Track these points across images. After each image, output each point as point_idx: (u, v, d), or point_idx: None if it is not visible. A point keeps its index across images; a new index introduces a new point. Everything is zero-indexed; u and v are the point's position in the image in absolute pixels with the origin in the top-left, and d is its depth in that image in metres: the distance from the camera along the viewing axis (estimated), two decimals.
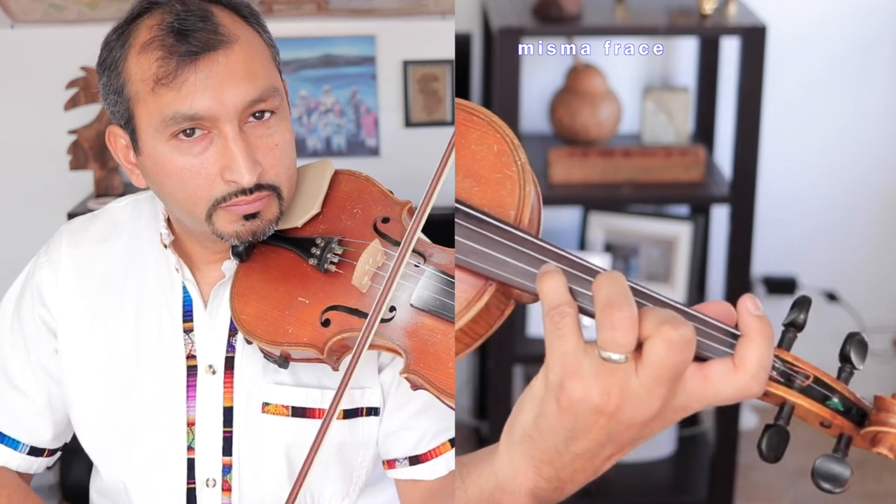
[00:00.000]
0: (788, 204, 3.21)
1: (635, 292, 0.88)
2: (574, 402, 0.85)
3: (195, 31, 1.18)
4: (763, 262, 3.18)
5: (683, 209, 3.10)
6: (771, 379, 0.89)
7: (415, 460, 1.35)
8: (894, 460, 0.91)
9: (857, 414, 0.91)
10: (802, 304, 0.92)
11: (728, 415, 2.81)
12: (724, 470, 2.83)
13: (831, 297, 3.24)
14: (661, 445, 3.03)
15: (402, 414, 1.35)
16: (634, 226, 2.98)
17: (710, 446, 2.99)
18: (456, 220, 0.92)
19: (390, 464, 1.37)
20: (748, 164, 2.66)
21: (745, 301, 0.88)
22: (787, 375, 0.90)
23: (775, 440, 0.88)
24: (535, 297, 0.90)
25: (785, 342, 0.92)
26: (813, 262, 3.24)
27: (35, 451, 1.43)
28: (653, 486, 2.99)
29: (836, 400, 0.90)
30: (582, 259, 0.90)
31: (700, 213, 3.00)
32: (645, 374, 0.84)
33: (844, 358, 0.92)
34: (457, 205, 0.93)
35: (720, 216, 2.95)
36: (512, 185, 0.94)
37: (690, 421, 3.14)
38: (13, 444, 1.41)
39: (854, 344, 0.92)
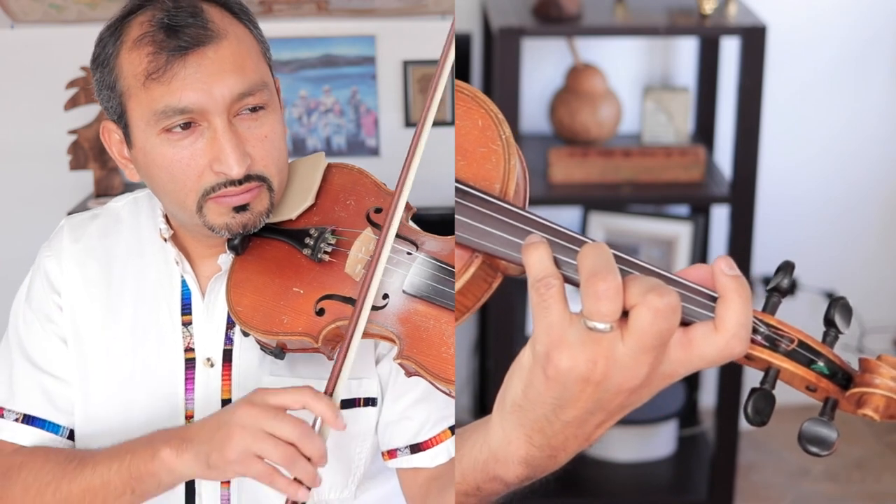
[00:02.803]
0: (788, 204, 3.21)
1: (619, 260, 0.88)
2: (560, 372, 0.86)
3: (185, 27, 1.21)
4: (763, 262, 3.17)
5: (683, 209, 3.10)
6: (756, 343, 0.89)
7: (416, 448, 1.36)
8: (880, 421, 0.91)
9: (843, 377, 0.91)
10: (786, 268, 0.92)
11: (728, 415, 2.81)
12: (724, 470, 2.83)
13: (831, 297, 3.24)
14: (661, 445, 3.03)
15: (401, 403, 1.36)
16: (634, 226, 2.98)
17: (710, 446, 2.99)
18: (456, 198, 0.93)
19: (391, 454, 1.38)
20: (748, 164, 2.66)
21: (720, 262, 0.88)
22: (771, 339, 0.90)
23: (761, 403, 0.88)
24: (522, 270, 0.90)
25: (769, 306, 0.92)
26: (813, 262, 3.24)
27: (73, 435, 1.41)
28: (653, 486, 2.98)
29: (821, 363, 0.90)
30: (567, 229, 0.91)
31: (700, 213, 3.01)
32: (631, 342, 0.84)
33: (829, 322, 0.92)
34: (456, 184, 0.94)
35: (720, 216, 2.95)
36: (497, 159, 0.95)
37: (690, 421, 3.15)
38: (54, 428, 1.39)
39: (839, 308, 0.92)
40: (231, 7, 1.27)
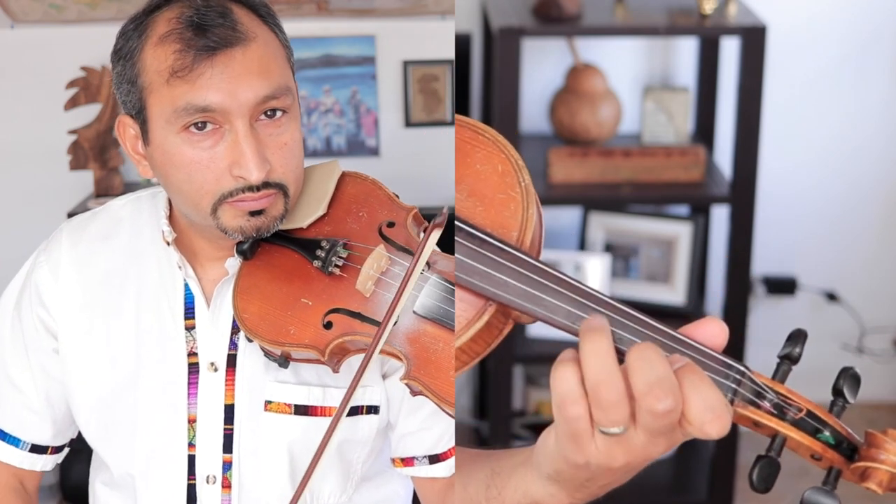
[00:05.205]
0: (788, 204, 3.21)
1: (626, 316, 0.90)
2: (584, 466, 0.89)
3: (214, 27, 1.19)
4: (763, 262, 3.18)
5: (683, 209, 3.10)
6: (764, 410, 0.91)
7: (434, 459, 1.37)
8: (883, 495, 0.92)
9: (848, 448, 0.93)
10: (798, 337, 0.94)
11: None
12: (724, 470, 2.83)
13: (831, 297, 3.25)
14: None
15: (419, 415, 1.36)
16: (634, 226, 2.98)
17: (710, 446, 2.99)
18: (457, 238, 0.93)
19: (406, 462, 1.38)
20: (748, 164, 2.66)
21: (675, 361, 0.87)
22: (780, 407, 0.91)
23: (766, 472, 0.90)
24: (534, 318, 0.92)
25: (779, 374, 0.93)
26: (813, 262, 3.24)
27: (37, 449, 1.43)
28: (653, 486, 2.99)
29: (827, 433, 0.91)
30: (578, 283, 0.92)
31: (700, 213, 3.00)
32: (644, 433, 0.86)
33: (837, 392, 0.93)
34: (458, 223, 0.93)
35: (720, 216, 2.95)
36: (515, 207, 0.94)
37: None
38: (14, 441, 1.42)
39: (847, 378, 0.93)
40: (258, 10, 1.25)
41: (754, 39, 2.60)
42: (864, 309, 3.23)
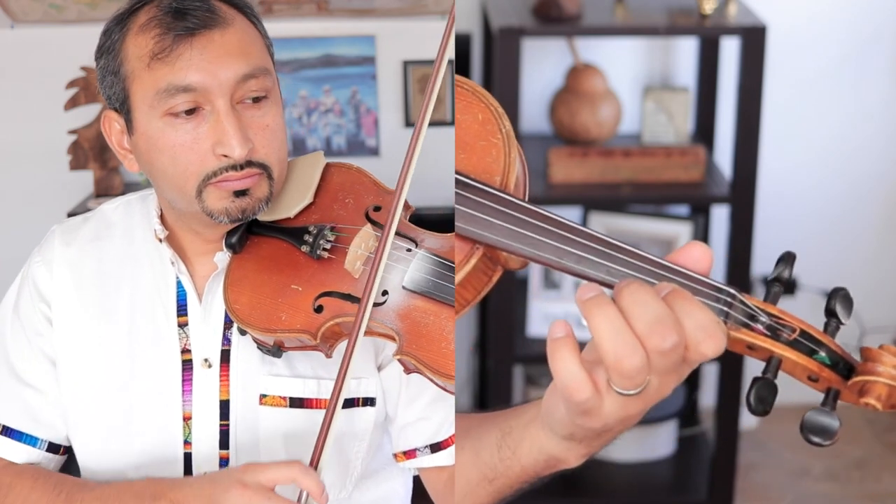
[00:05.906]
0: (788, 204, 3.21)
1: (612, 247, 0.90)
2: (600, 427, 0.90)
3: (193, 10, 1.23)
4: (763, 262, 3.17)
5: (683, 209, 3.10)
6: (757, 332, 0.90)
7: (436, 447, 1.37)
8: (882, 411, 0.91)
9: (845, 367, 0.91)
10: (787, 259, 0.93)
11: (728, 415, 2.81)
12: (724, 470, 2.83)
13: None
14: (661, 445, 3.03)
15: (417, 405, 1.36)
16: (634, 226, 2.98)
17: (710, 446, 3.00)
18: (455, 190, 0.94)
19: (409, 454, 1.38)
20: (748, 164, 2.66)
21: (661, 286, 0.88)
22: (773, 329, 0.90)
23: (763, 392, 0.89)
24: (523, 263, 0.93)
25: (771, 296, 0.93)
26: (813, 262, 3.24)
27: (52, 448, 1.42)
28: (653, 486, 2.99)
29: (822, 353, 0.90)
30: (563, 218, 0.92)
31: (700, 213, 3.01)
32: (655, 376, 0.86)
33: (830, 312, 0.92)
34: (457, 176, 0.94)
35: (720, 216, 2.95)
36: (497, 152, 0.96)
37: (690, 421, 3.15)
38: (32, 440, 1.40)
39: (839, 299, 0.92)
40: (236, 3, 1.28)
41: (754, 39, 2.60)
42: (864, 309, 3.23)
